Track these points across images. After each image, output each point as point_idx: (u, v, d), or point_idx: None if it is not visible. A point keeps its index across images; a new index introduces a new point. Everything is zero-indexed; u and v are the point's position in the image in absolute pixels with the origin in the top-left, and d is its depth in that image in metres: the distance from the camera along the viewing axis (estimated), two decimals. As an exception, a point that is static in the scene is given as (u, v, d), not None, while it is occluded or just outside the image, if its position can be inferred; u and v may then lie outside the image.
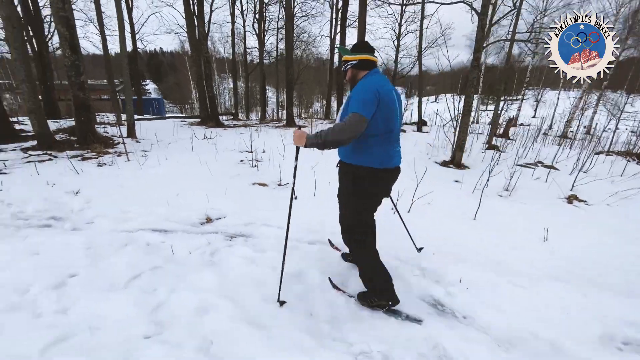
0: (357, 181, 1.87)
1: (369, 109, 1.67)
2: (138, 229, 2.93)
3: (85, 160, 5.51)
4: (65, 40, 6.31)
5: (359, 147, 1.81)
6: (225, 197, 3.89)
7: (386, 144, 1.81)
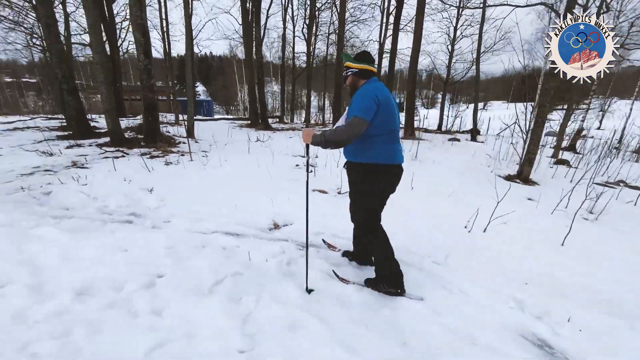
0: (367, 177, 2.04)
1: (369, 113, 1.85)
2: (212, 231, 2.98)
3: (154, 158, 5.84)
4: (140, 46, 6.77)
5: (366, 147, 1.98)
6: (289, 203, 3.87)
7: (389, 142, 1.99)
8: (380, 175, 2.02)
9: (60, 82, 7.94)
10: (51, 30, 7.62)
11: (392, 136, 1.99)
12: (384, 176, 2.04)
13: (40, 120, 11.23)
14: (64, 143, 7.23)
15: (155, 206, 3.55)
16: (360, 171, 2.07)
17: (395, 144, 2.03)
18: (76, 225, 2.94)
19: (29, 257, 2.32)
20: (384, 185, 2.07)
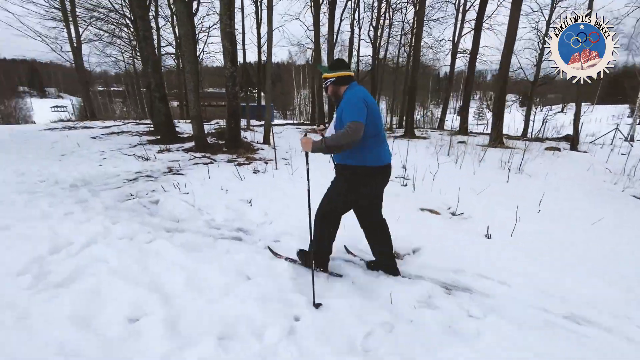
0: (351, 180, 2.09)
1: (362, 115, 1.89)
2: (335, 257, 2.59)
3: (241, 165, 5.78)
4: (228, 53, 6.86)
5: (356, 150, 1.99)
6: (401, 224, 3.36)
7: (377, 144, 2.04)
8: (366, 177, 2.07)
9: (153, 90, 8.48)
10: (148, 42, 8.16)
11: (379, 138, 2.05)
12: (370, 178, 2.08)
13: (131, 125, 12.32)
14: (155, 147, 7.65)
15: (260, 221, 3.31)
16: (345, 173, 2.12)
17: (382, 146, 2.09)
18: (189, 241, 2.78)
19: (154, 280, 2.14)
20: (368, 188, 2.12)
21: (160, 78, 8.44)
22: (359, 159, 2.03)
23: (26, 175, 4.85)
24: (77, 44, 15.30)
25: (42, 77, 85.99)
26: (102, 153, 6.92)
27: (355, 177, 2.07)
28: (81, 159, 6.32)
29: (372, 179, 2.09)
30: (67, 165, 5.67)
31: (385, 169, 2.12)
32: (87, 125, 11.87)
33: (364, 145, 1.98)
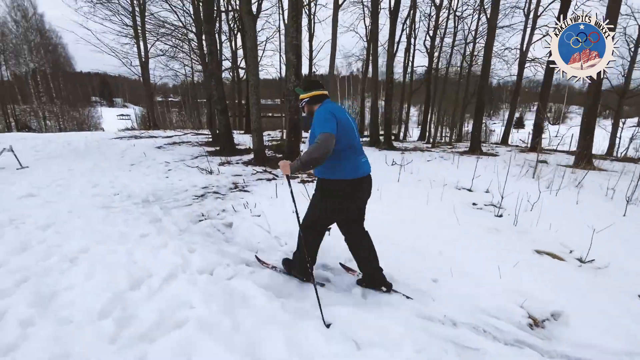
0: (326, 194, 2.12)
1: (332, 126, 1.92)
2: (453, 324, 2.03)
3: (305, 183, 5.44)
4: (292, 66, 6.65)
5: (328, 163, 2.01)
6: (521, 271, 2.70)
7: (351, 156, 2.06)
8: (342, 191, 2.07)
9: (214, 102, 8.59)
10: (213, 57, 8.30)
11: (352, 150, 2.07)
12: (350, 189, 2.08)
13: (191, 136, 12.78)
14: (215, 159, 7.66)
15: (346, 256, 2.85)
16: (322, 187, 2.15)
17: (358, 158, 2.11)
18: (275, 283, 2.39)
19: (249, 341, 1.74)
20: (350, 200, 2.12)
21: (222, 91, 8.54)
22: (336, 173, 2.05)
23: (100, 187, 4.93)
24: (145, 58, 16.51)
25: (111, 89, 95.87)
26: (167, 164, 7.03)
27: (333, 189, 2.08)
28: (149, 169, 6.43)
29: (349, 191, 2.08)
30: (136, 176, 5.76)
31: (362, 181, 2.12)
32: (151, 135, 12.52)
33: (339, 157, 2.02)
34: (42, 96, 34.39)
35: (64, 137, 12.14)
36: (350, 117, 2.14)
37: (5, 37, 31.28)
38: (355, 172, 2.06)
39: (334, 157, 1.99)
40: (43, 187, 4.73)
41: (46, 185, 4.86)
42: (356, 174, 2.07)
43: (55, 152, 8.33)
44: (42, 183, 4.96)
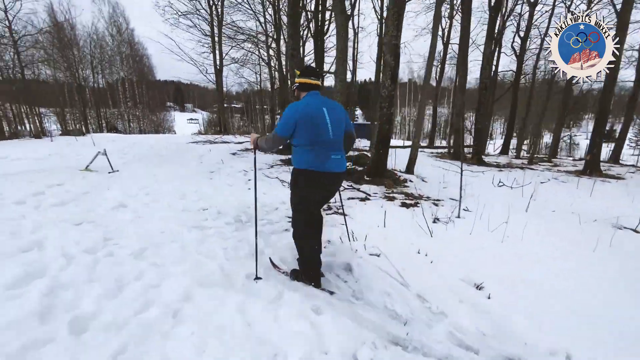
0: (295, 179, 2.33)
1: (284, 130, 2.16)
2: None
3: (409, 207, 4.53)
4: (389, 69, 5.83)
5: (295, 155, 2.27)
6: None
7: (316, 152, 2.17)
8: (305, 179, 2.24)
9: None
10: (295, 61, 7.85)
11: (320, 146, 2.17)
12: (308, 181, 2.23)
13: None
14: (286, 167, 7.16)
15: (532, 339, 1.89)
16: (293, 174, 2.36)
17: (325, 154, 2.20)
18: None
19: None
20: (310, 189, 2.27)
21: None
22: (301, 163, 2.22)
23: (187, 199, 4.59)
24: (219, 66, 17.17)
25: (184, 95, 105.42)
26: (245, 173, 6.66)
27: (299, 177, 2.28)
28: (229, 178, 6.09)
29: (314, 181, 2.23)
30: (219, 186, 5.40)
31: (328, 176, 2.24)
32: (224, 140, 12.69)
33: (308, 151, 2.17)
34: (128, 101, 38.48)
35: (145, 139, 12.88)
36: (328, 110, 2.21)
37: (103, 49, 35.68)
38: (322, 165, 2.19)
39: (300, 150, 2.21)
40: (132, 196, 4.52)
41: (134, 193, 4.65)
42: (323, 167, 2.19)
43: (140, 154, 8.58)
44: (131, 190, 4.78)
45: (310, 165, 2.17)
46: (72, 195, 4.29)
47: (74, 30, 29.83)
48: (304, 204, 2.34)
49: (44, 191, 4.34)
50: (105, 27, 34.20)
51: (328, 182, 2.27)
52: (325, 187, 2.31)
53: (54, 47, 22.89)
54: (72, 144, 9.68)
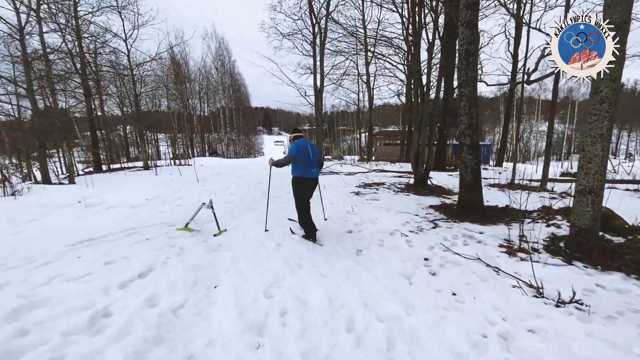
0: (295, 183, 4.20)
1: (293, 153, 4.05)
2: None
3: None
4: None
5: (295, 168, 4.12)
6: None
7: (305, 166, 4.09)
8: (300, 182, 4.15)
9: (462, 133, 5.38)
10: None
11: (305, 164, 4.09)
12: (301, 183, 4.15)
13: (375, 172, 10.22)
14: (459, 228, 4.31)
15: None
16: (293, 180, 4.21)
17: (308, 168, 4.11)
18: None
19: None
20: (303, 188, 4.16)
21: (475, 115, 5.29)
22: (296, 173, 4.14)
23: (348, 307, 2.18)
24: (320, 86, 15.77)
25: (271, 119, 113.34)
26: (405, 236, 4.13)
27: (295, 181, 4.18)
28: (392, 260, 3.62)
29: (302, 183, 4.15)
30: (384, 279, 2.93)
31: (309, 180, 4.17)
32: (332, 171, 10.64)
33: (298, 166, 4.09)
34: (227, 127, 41.19)
35: (248, 168, 11.71)
36: (310, 146, 4.20)
37: (209, 81, 39.24)
38: (306, 174, 4.12)
39: (296, 166, 4.09)
40: (257, 300, 2.40)
41: (254, 295, 2.51)
42: (306, 174, 4.13)
43: (248, 195, 6.88)
44: (249, 287, 2.66)
45: (301, 174, 4.12)
46: (154, 316, 2.27)
47: (187, 66, 33.36)
48: (300, 195, 4.16)
49: (109, 303, 2.44)
50: (212, 61, 37.59)
51: (310, 183, 4.19)
52: (307, 185, 4.17)
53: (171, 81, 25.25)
54: (176, 179, 8.69)
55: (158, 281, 2.81)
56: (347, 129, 58.32)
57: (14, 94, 12.02)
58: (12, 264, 3.29)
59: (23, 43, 9.84)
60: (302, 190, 4.12)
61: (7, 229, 4.48)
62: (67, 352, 1.88)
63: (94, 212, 5.23)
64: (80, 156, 22.30)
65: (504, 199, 5.64)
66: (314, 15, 15.71)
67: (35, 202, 5.62)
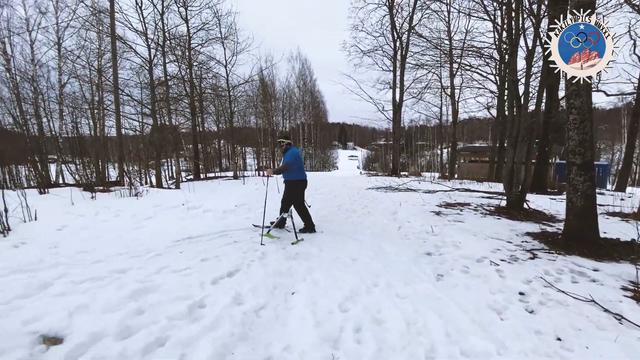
0: (291, 186, 4.93)
1: (292, 160, 4.80)
2: None
3: None
4: None
5: (292, 172, 4.83)
6: None
7: (300, 170, 4.92)
8: (297, 184, 4.92)
9: (572, 152, 4.63)
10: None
11: (300, 168, 4.93)
12: (300, 185, 4.97)
13: (454, 191, 9.45)
14: (569, 264, 3.57)
15: None
16: (289, 184, 4.92)
17: (302, 171, 4.99)
18: None
19: None
20: (298, 189, 4.96)
21: (586, 132, 4.50)
22: (294, 176, 4.89)
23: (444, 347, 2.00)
24: (398, 103, 15.52)
25: (347, 134, 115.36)
26: (495, 265, 3.67)
27: (294, 184, 4.91)
28: (466, 277, 3.26)
29: (298, 184, 4.92)
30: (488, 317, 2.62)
31: (305, 181, 5.04)
32: (408, 187, 10.23)
33: (295, 170, 4.82)
34: (305, 141, 43.38)
35: (322, 180, 12.07)
36: (299, 152, 5.07)
37: (291, 99, 42.15)
38: (301, 176, 4.94)
39: (293, 170, 4.82)
40: (332, 312, 2.42)
41: (329, 307, 2.52)
42: (301, 177, 4.94)
43: (324, 208, 7.06)
44: (325, 299, 2.70)
45: (300, 177, 4.94)
46: (240, 314, 2.47)
47: (274, 86, 36.53)
48: (298, 195, 4.96)
49: (204, 296, 2.74)
50: (295, 80, 40.43)
51: (305, 184, 5.05)
52: (304, 186, 5.05)
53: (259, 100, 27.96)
54: (260, 188, 9.44)
55: (243, 282, 3.06)
56: (425, 144, 55.65)
57: (140, 114, 14.85)
58: (133, 253, 3.99)
59: (151, 72, 12.14)
60: (300, 190, 4.95)
61: (131, 224, 5.46)
62: (171, 334, 2.17)
63: (194, 215, 6.02)
64: (183, 165, 26.15)
65: (630, 232, 4.57)
66: (395, 31, 15.70)
67: (151, 202, 6.75)
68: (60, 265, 3.41)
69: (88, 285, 2.84)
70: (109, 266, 3.40)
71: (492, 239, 4.81)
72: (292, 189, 4.90)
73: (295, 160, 4.79)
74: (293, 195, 4.90)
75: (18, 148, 9.00)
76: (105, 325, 2.19)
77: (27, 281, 2.91)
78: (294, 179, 4.88)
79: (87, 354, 1.93)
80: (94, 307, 2.44)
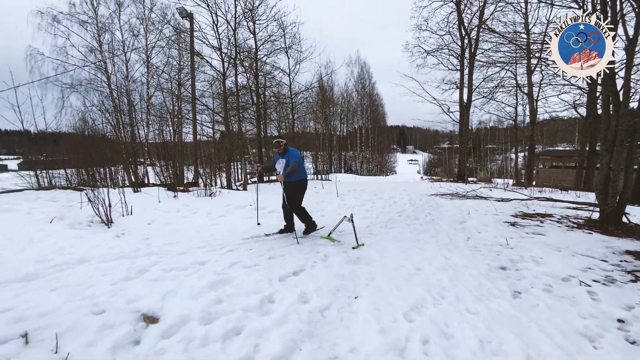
0: (296, 186, 5.02)
1: (298, 160, 4.90)
2: None
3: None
4: None
5: (298, 172, 4.92)
6: None
7: (304, 169, 5.16)
8: (305, 183, 5.12)
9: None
10: None
11: (303, 168, 5.18)
12: (305, 184, 5.12)
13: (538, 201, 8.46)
14: None
15: None
16: (297, 184, 5.02)
17: (305, 171, 5.18)
18: None
19: None
20: (305, 187, 5.13)
21: None
22: (301, 176, 5.02)
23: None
24: (467, 101, 14.52)
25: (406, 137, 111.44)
26: (587, 286, 3.20)
27: (302, 183, 5.07)
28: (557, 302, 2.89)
29: (305, 184, 5.13)
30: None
31: (307, 180, 5.19)
32: (478, 195, 9.50)
33: (300, 169, 4.95)
34: (362, 145, 43.03)
35: (382, 186, 11.85)
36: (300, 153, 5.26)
37: (349, 104, 42.25)
38: (305, 175, 5.14)
39: (300, 170, 4.94)
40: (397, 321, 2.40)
41: (394, 317, 2.45)
42: (305, 176, 5.14)
43: (384, 214, 6.95)
44: (389, 311, 2.64)
45: (305, 176, 5.12)
46: (306, 312, 2.57)
47: (332, 91, 37.10)
48: (302, 195, 5.11)
49: (273, 292, 2.90)
50: (353, 84, 40.51)
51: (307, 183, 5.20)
52: (306, 185, 5.19)
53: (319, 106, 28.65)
54: (319, 192, 9.68)
55: (307, 281, 3.17)
56: (497, 148, 50.89)
57: (213, 121, 16.35)
58: (210, 247, 4.42)
59: (224, 83, 13.33)
60: (304, 190, 5.11)
61: (207, 221, 6.05)
62: (245, 324, 2.36)
63: (260, 215, 6.42)
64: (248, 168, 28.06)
65: None
66: (463, 27, 14.78)
67: (223, 202, 7.39)
68: (152, 255, 3.93)
69: (175, 274, 3.23)
70: (191, 258, 3.82)
71: (581, 255, 4.21)
72: (298, 188, 5.01)
73: (300, 160, 4.95)
74: (299, 195, 5.02)
75: (116, 152, 10.57)
76: (190, 310, 2.48)
77: (128, 266, 3.42)
78: (300, 179, 5.00)
79: (178, 334, 2.20)
80: (181, 293, 2.77)
